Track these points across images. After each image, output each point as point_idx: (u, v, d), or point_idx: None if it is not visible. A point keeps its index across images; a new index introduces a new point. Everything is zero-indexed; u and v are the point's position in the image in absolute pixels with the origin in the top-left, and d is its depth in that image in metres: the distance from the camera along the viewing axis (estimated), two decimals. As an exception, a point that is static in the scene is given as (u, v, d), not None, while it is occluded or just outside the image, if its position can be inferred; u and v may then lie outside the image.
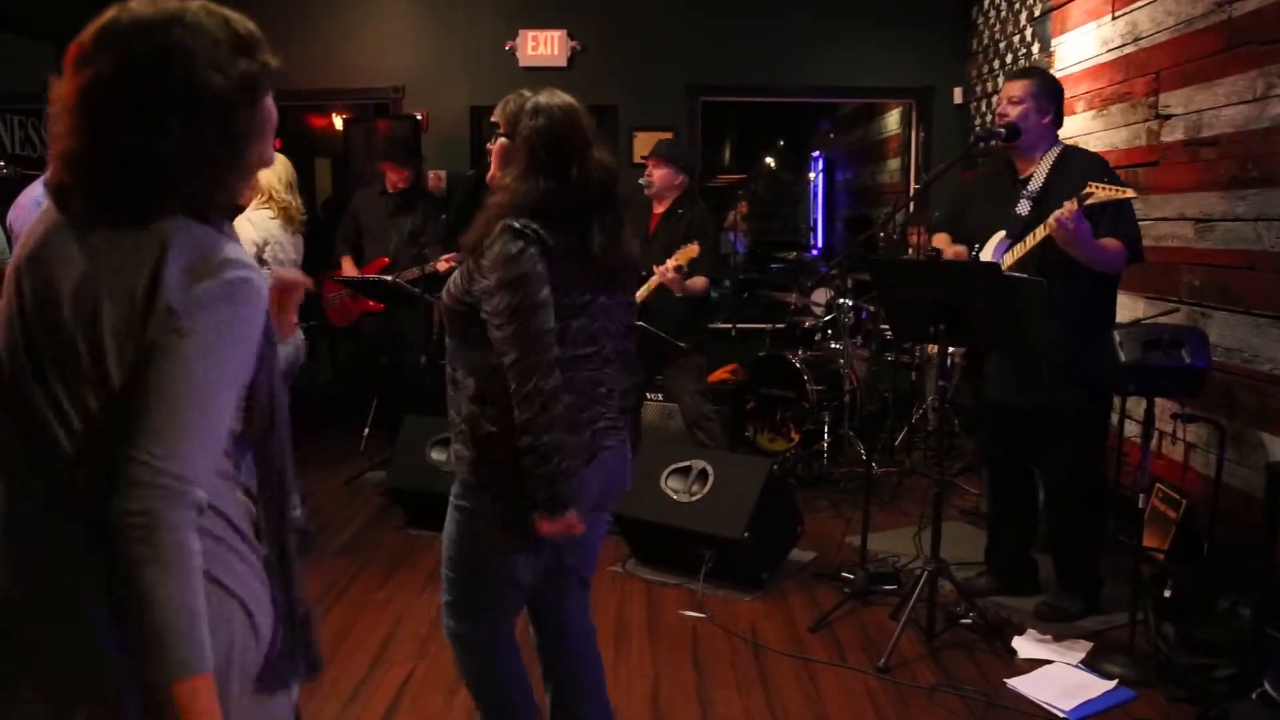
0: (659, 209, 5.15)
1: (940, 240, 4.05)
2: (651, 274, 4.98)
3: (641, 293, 4.94)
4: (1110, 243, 3.50)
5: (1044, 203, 3.61)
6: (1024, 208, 3.71)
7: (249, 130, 1.38)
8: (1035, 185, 3.71)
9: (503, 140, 2.31)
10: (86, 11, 1.35)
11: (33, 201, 3.71)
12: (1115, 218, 3.52)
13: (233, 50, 1.34)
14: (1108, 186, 3.38)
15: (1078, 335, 3.57)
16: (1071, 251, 3.45)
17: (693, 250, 4.77)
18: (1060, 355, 3.59)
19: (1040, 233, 3.52)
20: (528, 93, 2.32)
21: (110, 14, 1.31)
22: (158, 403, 1.26)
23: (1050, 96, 3.75)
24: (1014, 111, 3.71)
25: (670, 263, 4.76)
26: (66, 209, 1.34)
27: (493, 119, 2.37)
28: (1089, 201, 3.37)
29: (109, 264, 1.29)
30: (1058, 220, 3.38)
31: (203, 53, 1.31)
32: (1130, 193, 3.42)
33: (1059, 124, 3.82)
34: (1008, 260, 3.65)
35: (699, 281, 4.91)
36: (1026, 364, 3.69)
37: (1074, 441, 3.73)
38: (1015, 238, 3.68)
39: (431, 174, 6.95)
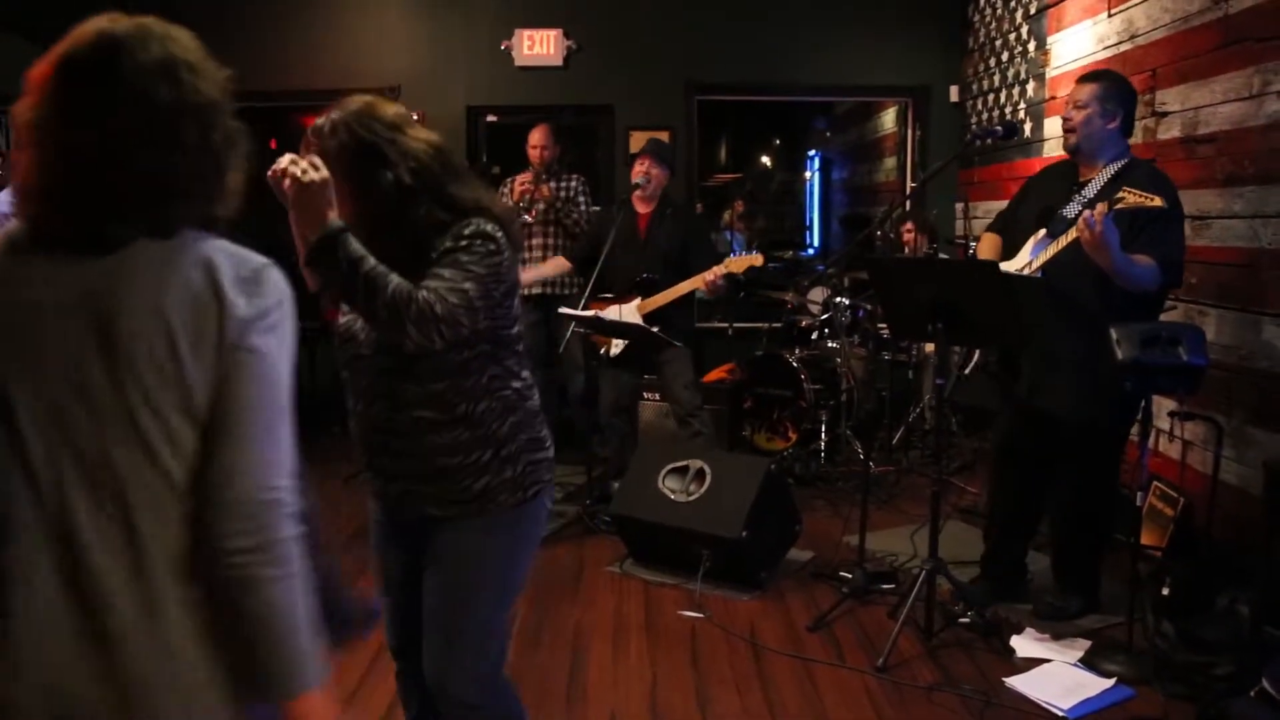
0: (645, 210, 5.12)
1: (983, 240, 3.96)
2: (648, 278, 4.98)
3: (664, 298, 4.92)
4: (1143, 258, 3.35)
5: (1091, 208, 3.52)
6: (1071, 210, 3.55)
7: (236, 136, 1.38)
8: (1091, 191, 3.56)
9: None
10: (79, 14, 1.33)
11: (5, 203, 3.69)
12: (1156, 235, 3.37)
13: (209, 60, 1.35)
14: (1138, 193, 3.22)
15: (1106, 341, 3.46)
16: (1096, 258, 3.29)
17: (757, 260, 4.82)
18: (1086, 358, 3.49)
19: (1071, 234, 3.40)
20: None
21: (90, 33, 1.28)
22: (245, 420, 1.26)
23: (1120, 100, 3.56)
24: (1078, 116, 3.56)
25: (721, 269, 4.79)
26: (54, 234, 1.28)
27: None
28: (1118, 206, 3.24)
29: (154, 282, 1.25)
30: (1084, 221, 3.24)
31: (195, 60, 1.32)
32: (1157, 201, 3.22)
33: (1128, 131, 3.63)
34: (1040, 259, 3.56)
35: (725, 284, 4.93)
36: (1046, 363, 3.62)
37: (1099, 449, 3.68)
38: (1054, 238, 3.57)
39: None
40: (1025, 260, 3.64)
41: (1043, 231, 3.65)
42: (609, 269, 4.88)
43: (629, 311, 4.99)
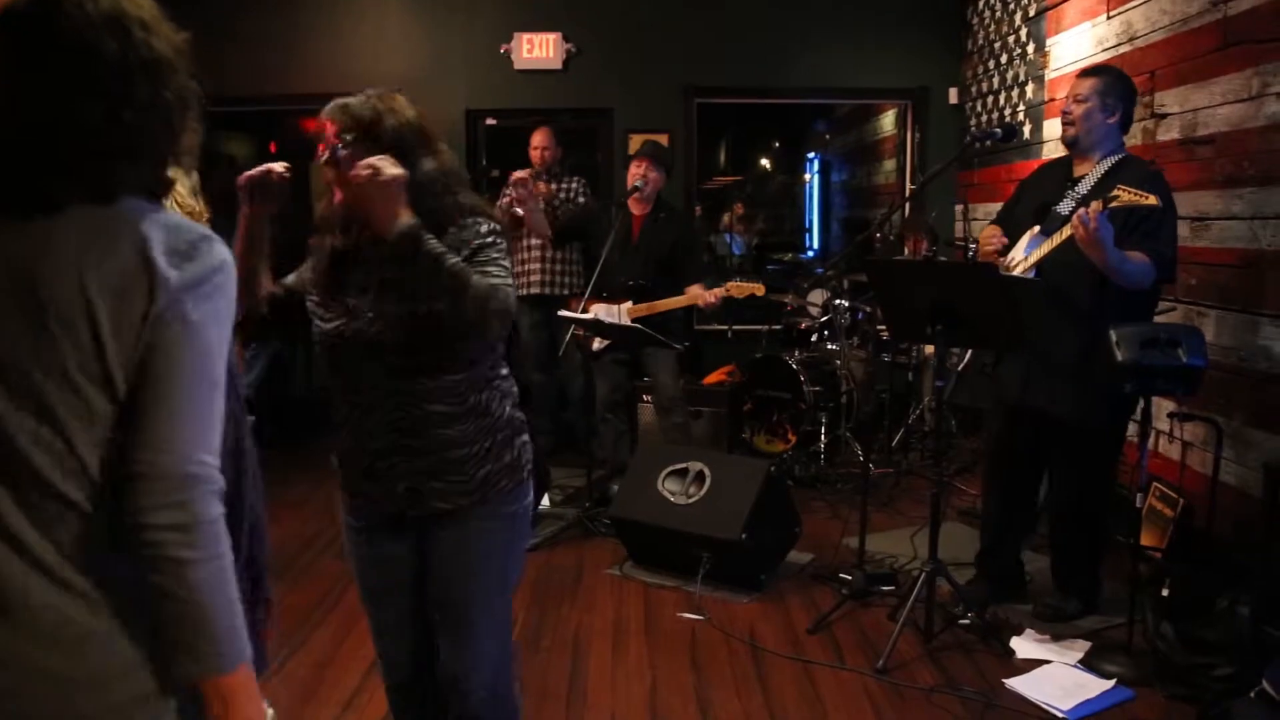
0: (639, 212, 5.14)
1: (986, 231, 3.96)
2: (636, 281, 5.00)
3: (660, 306, 4.98)
4: (1136, 255, 3.37)
5: (1084, 204, 3.54)
6: (1066, 207, 3.58)
7: (190, 97, 1.32)
8: (1085, 187, 3.59)
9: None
10: None
11: None
12: (1150, 232, 3.39)
13: (160, 17, 1.29)
14: (1133, 191, 3.24)
15: (1104, 341, 3.48)
16: (1091, 254, 3.31)
17: (759, 289, 4.91)
18: (1081, 359, 3.52)
19: (1065, 232, 3.41)
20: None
21: None
22: (173, 391, 1.21)
23: (1120, 96, 3.58)
24: (1078, 110, 3.58)
25: (720, 291, 4.86)
26: None
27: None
28: (1113, 204, 3.27)
29: (79, 253, 1.20)
30: (1078, 218, 3.25)
31: (149, 17, 1.27)
32: (1152, 199, 3.24)
33: (1126, 127, 3.65)
34: (1034, 256, 3.57)
35: (718, 303, 4.99)
36: (1047, 367, 3.62)
37: (1087, 447, 3.68)
38: (1048, 235, 3.59)
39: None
40: (1020, 257, 3.64)
41: (1037, 228, 3.65)
42: (604, 270, 4.91)
43: (620, 315, 5.04)
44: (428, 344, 2.04)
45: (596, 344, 5.15)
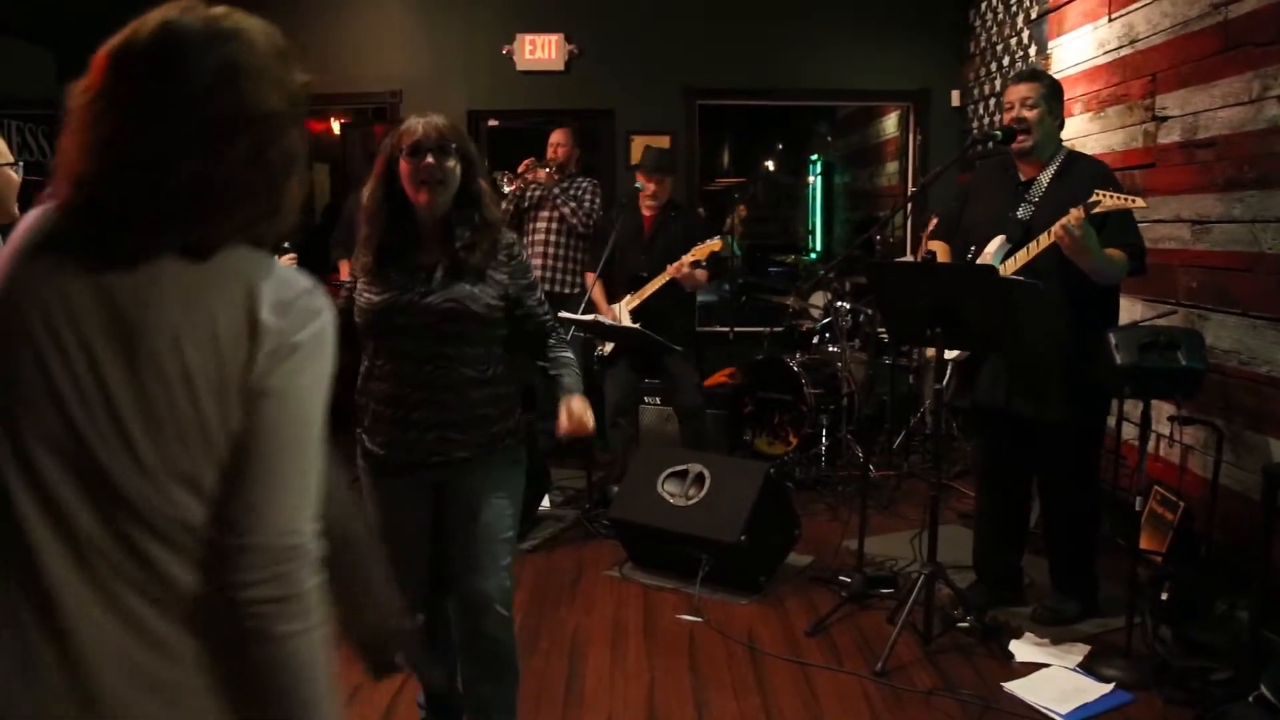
0: (650, 212, 5.23)
1: (940, 250, 4.03)
2: (647, 276, 5.03)
3: (646, 291, 5.01)
4: (1114, 252, 3.46)
5: (1045, 208, 3.58)
6: (1024, 212, 3.66)
7: (298, 155, 1.26)
8: (1038, 190, 3.67)
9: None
10: (85, 16, 1.31)
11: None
12: (1118, 226, 3.48)
13: (282, 65, 1.24)
14: (1115, 195, 3.32)
15: (1078, 341, 3.53)
16: (1077, 260, 3.39)
17: (716, 245, 4.92)
18: (1061, 361, 3.56)
19: (1045, 240, 3.47)
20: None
21: (153, 24, 1.17)
22: (276, 461, 1.17)
23: (1060, 97, 3.73)
24: (1031, 115, 3.65)
25: (688, 258, 4.90)
26: (84, 243, 1.17)
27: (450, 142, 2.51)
28: (1096, 210, 3.31)
29: (178, 308, 1.14)
30: (1064, 228, 3.32)
31: (262, 68, 1.20)
32: (1139, 202, 3.34)
33: (1062, 126, 3.80)
34: (1009, 267, 3.61)
35: (702, 275, 5.04)
36: (1023, 369, 3.66)
37: (1074, 448, 3.70)
38: (1015, 244, 3.64)
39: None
40: (993, 265, 3.66)
41: (1001, 238, 3.68)
42: (615, 268, 5.05)
43: (621, 310, 5.14)
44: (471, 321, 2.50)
45: (608, 347, 5.18)
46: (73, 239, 1.17)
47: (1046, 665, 3.44)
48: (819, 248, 12.66)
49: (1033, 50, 5.90)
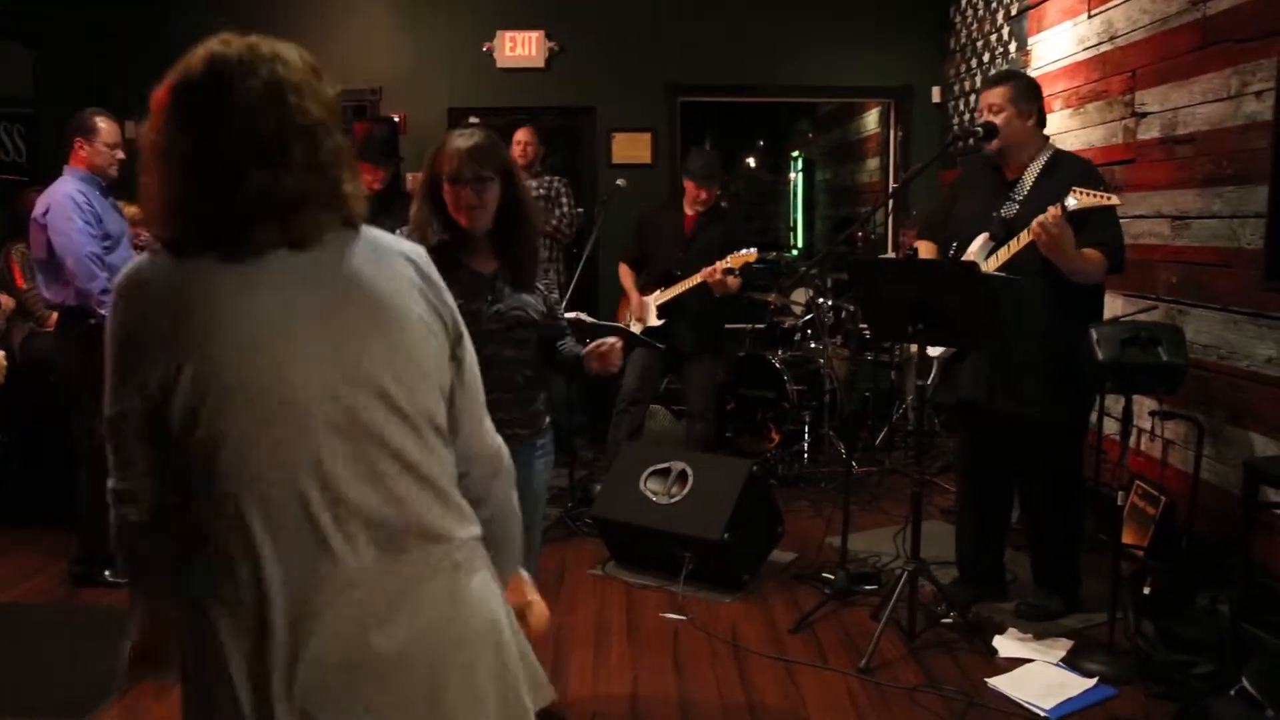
0: (693, 212, 5.24)
1: (924, 249, 4.03)
2: (680, 274, 5.04)
3: (676, 289, 5.08)
4: (1092, 252, 3.46)
5: (1029, 206, 3.58)
6: (1009, 210, 3.66)
7: (344, 153, 1.43)
8: (1022, 189, 3.67)
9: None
10: (62, 13, 1.30)
11: (65, 196, 4.01)
12: (1098, 225, 3.48)
13: (317, 79, 1.40)
14: (1092, 193, 3.34)
15: (1060, 338, 3.53)
16: (1054, 258, 3.41)
17: (751, 255, 4.94)
18: (1043, 357, 3.57)
19: (1024, 237, 3.48)
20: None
21: (201, 57, 1.35)
22: (477, 381, 1.58)
23: (1029, 98, 3.70)
24: (998, 120, 3.67)
25: (721, 264, 4.90)
26: (201, 252, 1.34)
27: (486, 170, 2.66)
28: (1073, 208, 3.33)
29: (380, 271, 1.42)
30: (1041, 225, 3.34)
31: (300, 84, 1.37)
32: (1115, 200, 3.37)
33: (1043, 124, 3.77)
34: (991, 264, 3.62)
35: (735, 282, 5.03)
36: (1004, 366, 3.66)
37: (1055, 444, 3.70)
38: (999, 241, 3.65)
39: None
40: (978, 262, 3.66)
41: (985, 235, 3.69)
42: (653, 264, 5.19)
43: (650, 302, 5.21)
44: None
45: (637, 326, 5.24)
46: (202, 252, 1.33)
47: (1030, 660, 3.44)
48: (801, 244, 12.67)
49: (1013, 47, 5.92)
